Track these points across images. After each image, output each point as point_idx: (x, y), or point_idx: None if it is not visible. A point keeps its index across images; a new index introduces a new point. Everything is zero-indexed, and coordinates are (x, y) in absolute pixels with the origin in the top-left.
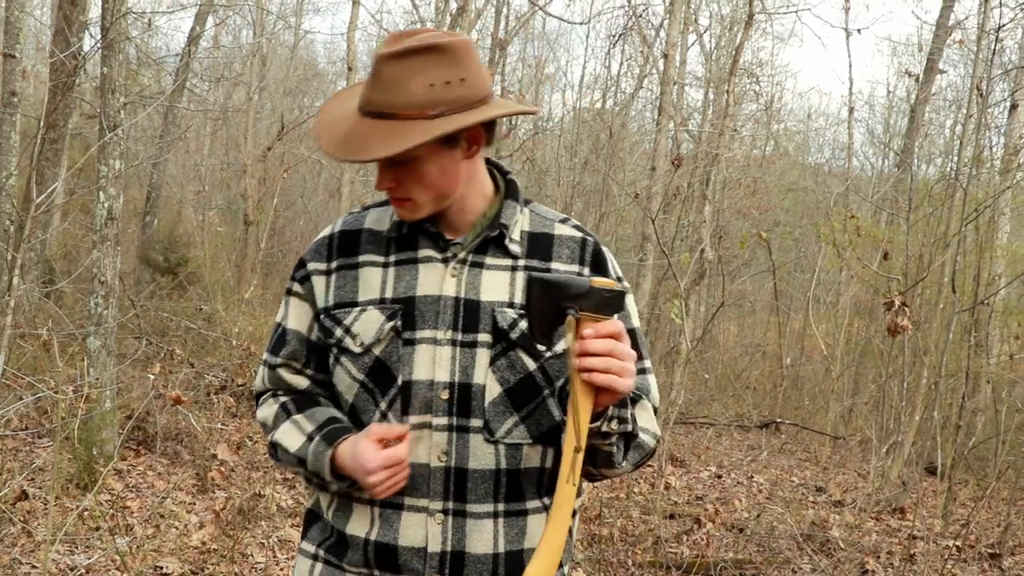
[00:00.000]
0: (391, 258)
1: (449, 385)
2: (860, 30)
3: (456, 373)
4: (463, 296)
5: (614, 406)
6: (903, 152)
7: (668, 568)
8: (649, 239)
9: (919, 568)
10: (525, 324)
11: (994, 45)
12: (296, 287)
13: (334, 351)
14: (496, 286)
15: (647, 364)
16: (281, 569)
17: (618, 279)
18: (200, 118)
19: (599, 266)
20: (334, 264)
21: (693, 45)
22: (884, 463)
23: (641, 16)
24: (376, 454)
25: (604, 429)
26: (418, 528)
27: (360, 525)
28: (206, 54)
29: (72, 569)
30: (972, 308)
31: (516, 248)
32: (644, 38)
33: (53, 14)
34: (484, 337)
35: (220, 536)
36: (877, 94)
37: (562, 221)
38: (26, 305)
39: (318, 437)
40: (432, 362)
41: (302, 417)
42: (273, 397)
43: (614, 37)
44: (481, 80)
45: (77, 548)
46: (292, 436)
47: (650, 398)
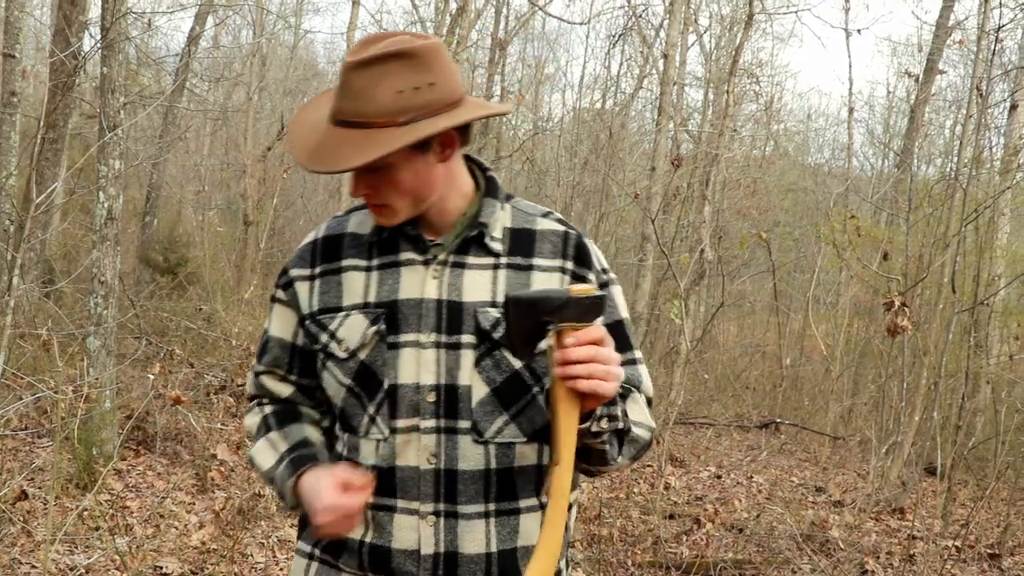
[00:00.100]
0: (374, 262)
1: (435, 388)
2: (860, 30)
3: (442, 375)
4: (445, 298)
5: (603, 405)
6: (903, 152)
7: (668, 568)
8: (649, 239)
9: (919, 568)
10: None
11: (994, 45)
12: (280, 294)
13: (320, 356)
14: (478, 286)
15: (636, 354)
16: (280, 569)
17: (603, 270)
18: (200, 118)
19: (582, 259)
20: (318, 270)
21: (693, 45)
22: (884, 463)
23: (641, 16)
24: (330, 496)
25: (594, 429)
26: (410, 531)
27: (355, 528)
28: (206, 54)
29: (72, 569)
30: (972, 308)
31: (497, 246)
32: (644, 38)
33: (53, 14)
34: (468, 338)
35: (220, 536)
36: (877, 94)
37: (544, 215)
38: (26, 305)
39: (286, 461)
40: (417, 365)
41: (277, 435)
42: (258, 406)
43: (614, 37)
44: (452, 83)
45: (77, 548)
46: (265, 454)
47: (642, 389)
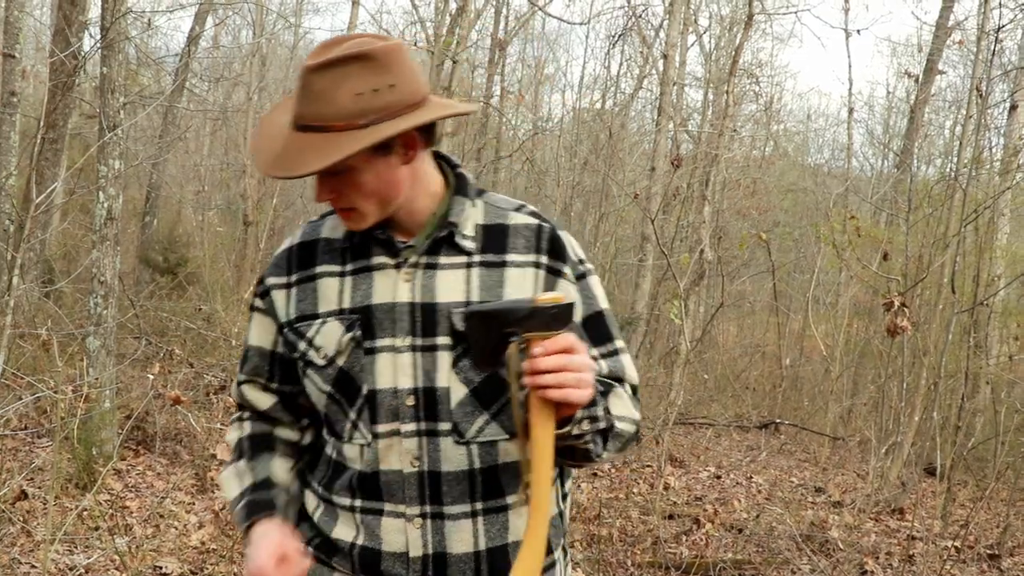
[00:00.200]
0: (348, 267)
1: (413, 391)
2: (860, 31)
3: (419, 378)
4: (418, 300)
5: (583, 408)
6: (903, 153)
7: (667, 568)
8: (649, 239)
9: (918, 569)
10: None
11: (994, 46)
12: (257, 302)
13: (300, 364)
14: (451, 286)
15: (618, 344)
16: None
17: (580, 261)
18: (200, 118)
19: (556, 252)
20: (294, 277)
21: (693, 46)
22: (883, 464)
23: (641, 17)
24: (262, 561)
25: (575, 432)
26: (398, 534)
27: (346, 531)
28: (206, 54)
29: (71, 569)
30: (971, 309)
31: (469, 244)
32: (644, 38)
33: (53, 14)
34: (443, 340)
35: (219, 536)
36: (877, 95)
37: (517, 209)
38: (26, 305)
39: (244, 501)
40: (394, 370)
41: (245, 467)
42: (239, 422)
43: (614, 37)
44: (413, 84)
45: (76, 548)
46: (231, 484)
47: (626, 378)
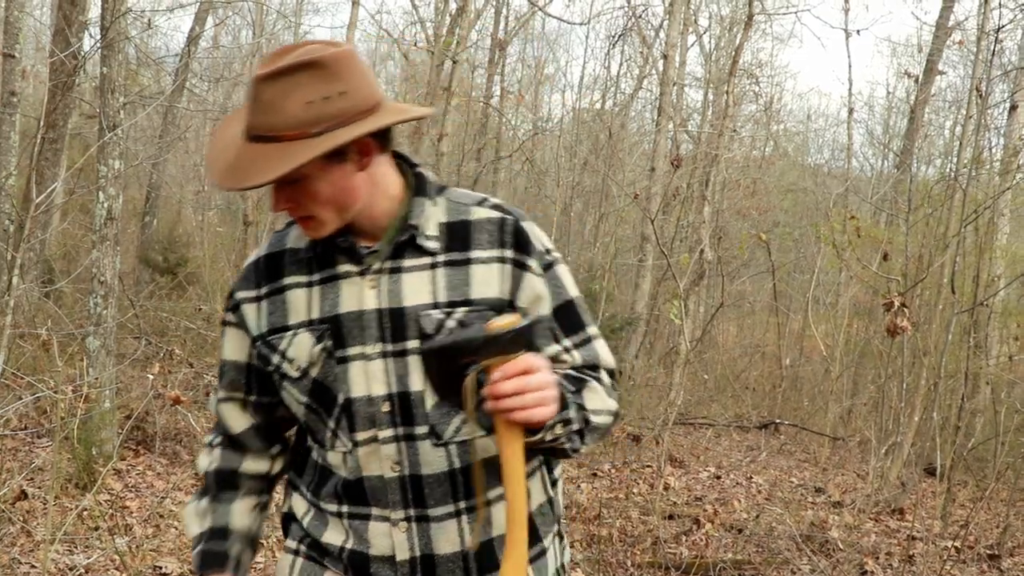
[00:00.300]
0: (315, 276)
1: (388, 397)
2: (860, 31)
3: (392, 384)
4: (386, 306)
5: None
6: (902, 153)
7: (667, 569)
8: (648, 239)
9: (918, 569)
10: (452, 324)
11: (993, 46)
12: (229, 317)
13: (276, 377)
14: (417, 289)
15: (591, 331)
16: None
17: (546, 251)
18: (200, 118)
19: (521, 245)
20: (264, 290)
21: (693, 46)
22: (883, 464)
23: (641, 17)
24: None
25: (549, 438)
26: (385, 538)
27: (335, 536)
28: (206, 54)
29: (71, 569)
30: (971, 309)
31: (432, 244)
32: (644, 39)
33: (53, 14)
34: (413, 344)
35: None
36: (877, 95)
37: (479, 203)
38: (26, 305)
39: (199, 548)
40: (366, 378)
41: (207, 507)
42: (209, 448)
43: (614, 38)
44: (365, 90)
45: (76, 548)
46: (191, 523)
47: (602, 364)
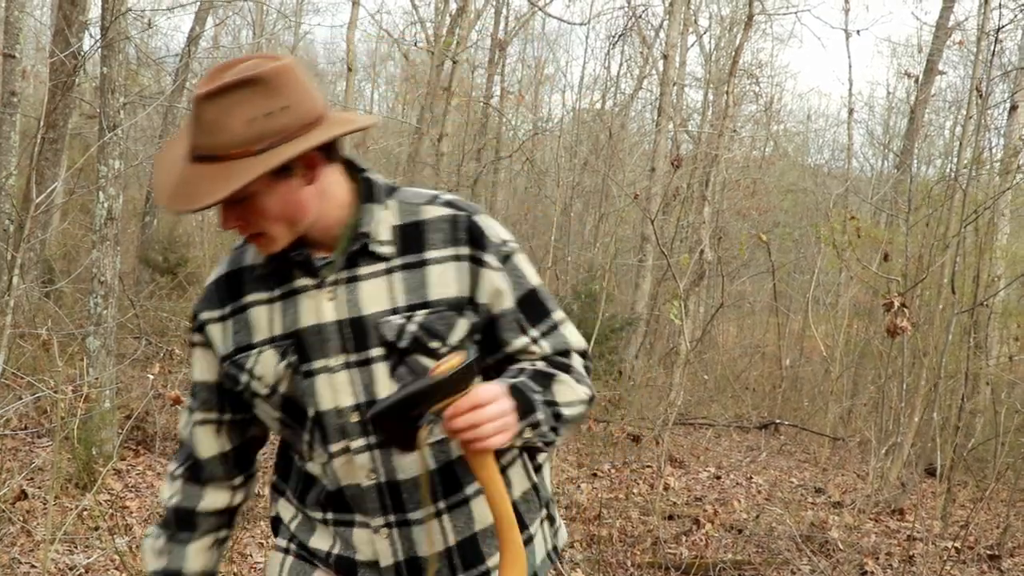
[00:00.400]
0: (275, 292)
1: (356, 407)
2: (860, 31)
3: (359, 394)
4: (345, 317)
5: (520, 420)
6: (903, 153)
7: (667, 569)
8: (648, 240)
9: (918, 569)
10: (413, 328)
11: (994, 46)
12: (196, 338)
13: (247, 395)
14: (375, 297)
15: (557, 317)
16: None
17: (502, 243)
18: None
19: (476, 241)
20: (227, 309)
21: (693, 46)
22: (883, 464)
23: (641, 17)
24: None
25: (519, 444)
26: (368, 544)
27: (323, 541)
28: (206, 54)
29: (71, 568)
30: (971, 309)
31: (386, 249)
32: (644, 39)
33: (53, 14)
34: (376, 352)
35: None
36: (877, 95)
37: (430, 201)
38: (26, 305)
39: None
40: (332, 390)
41: (163, 547)
42: (171, 479)
43: (614, 38)
44: (307, 104)
45: (76, 548)
46: (148, 559)
47: (571, 347)
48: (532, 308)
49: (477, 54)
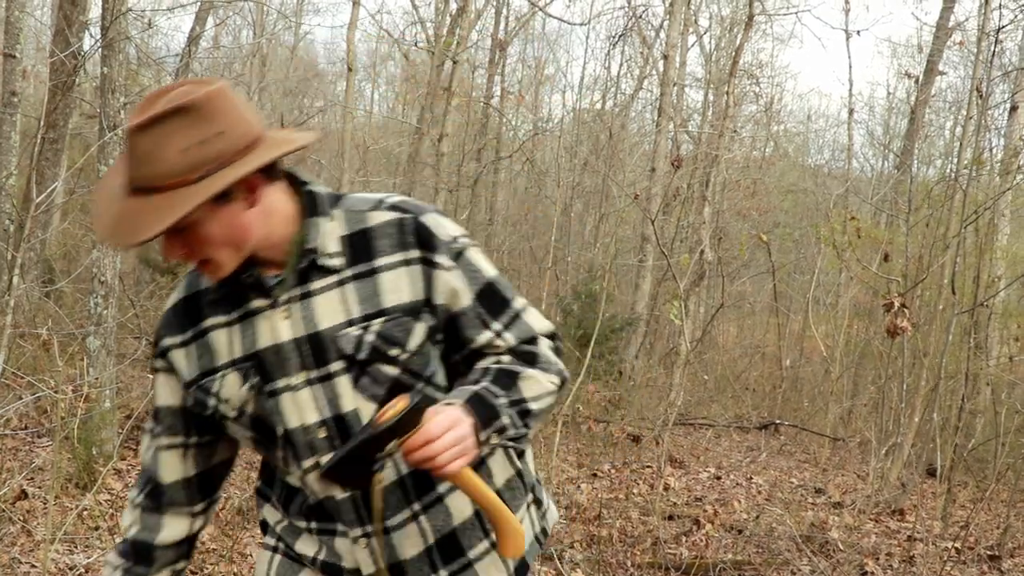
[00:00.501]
0: (233, 315)
1: (322, 423)
2: (860, 32)
3: (324, 410)
4: (303, 334)
5: (484, 429)
6: (903, 154)
7: (667, 569)
8: (649, 240)
9: (918, 570)
10: (370, 338)
11: (994, 47)
12: (158, 363)
13: (217, 418)
14: (330, 310)
15: (517, 305)
16: None
17: (453, 240)
18: None
19: (425, 242)
20: (189, 334)
21: (693, 46)
22: (883, 464)
23: (641, 17)
24: None
25: (487, 450)
26: (349, 553)
27: (308, 547)
28: (206, 54)
29: (71, 568)
30: (972, 310)
31: (336, 262)
32: (644, 39)
33: (53, 14)
34: (337, 366)
35: (219, 536)
36: (877, 96)
37: (375, 207)
38: (26, 305)
39: None
40: (297, 408)
41: None
42: (132, 507)
43: (614, 38)
44: (242, 127)
45: (76, 547)
46: None
47: (536, 333)
48: (491, 301)
49: (477, 54)
